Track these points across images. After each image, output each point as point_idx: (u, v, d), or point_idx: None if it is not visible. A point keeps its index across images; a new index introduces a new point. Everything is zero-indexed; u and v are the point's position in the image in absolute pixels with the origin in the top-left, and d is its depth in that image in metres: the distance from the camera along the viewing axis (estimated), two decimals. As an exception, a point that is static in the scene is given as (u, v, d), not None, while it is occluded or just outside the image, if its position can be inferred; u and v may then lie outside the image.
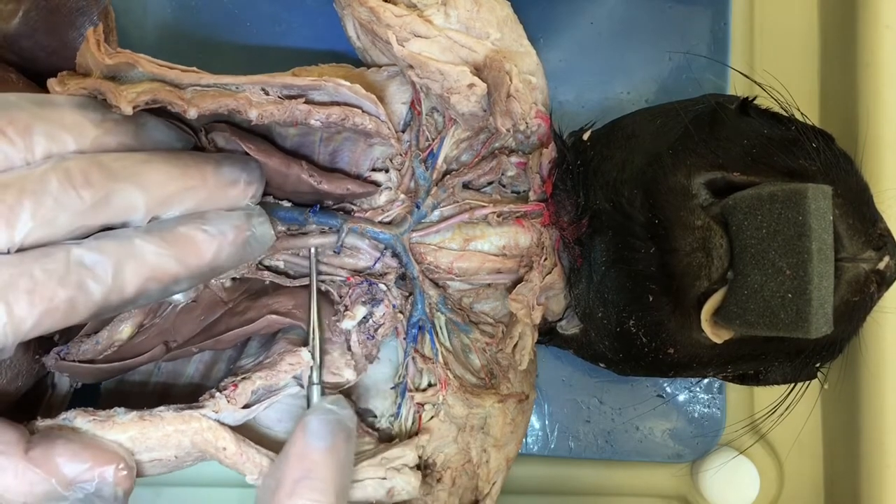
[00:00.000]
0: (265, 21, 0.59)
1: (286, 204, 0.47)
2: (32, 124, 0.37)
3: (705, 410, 0.60)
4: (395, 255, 0.48)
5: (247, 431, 0.45)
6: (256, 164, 0.44)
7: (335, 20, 0.51)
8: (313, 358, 0.46)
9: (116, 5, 0.52)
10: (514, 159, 0.49)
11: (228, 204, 0.42)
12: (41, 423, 0.41)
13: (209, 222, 0.41)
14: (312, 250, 0.47)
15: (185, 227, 0.40)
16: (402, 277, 0.49)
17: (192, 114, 0.41)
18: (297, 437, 0.41)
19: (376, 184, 0.49)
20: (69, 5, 0.48)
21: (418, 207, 0.48)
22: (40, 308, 0.35)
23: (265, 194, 0.46)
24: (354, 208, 0.49)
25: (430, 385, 0.49)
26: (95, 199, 0.37)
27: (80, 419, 0.41)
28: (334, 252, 0.48)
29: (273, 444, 0.45)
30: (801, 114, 0.47)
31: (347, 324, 0.47)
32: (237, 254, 0.42)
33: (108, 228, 0.38)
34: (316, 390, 0.46)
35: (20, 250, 0.36)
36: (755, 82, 0.49)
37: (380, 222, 0.48)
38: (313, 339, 0.47)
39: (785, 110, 0.47)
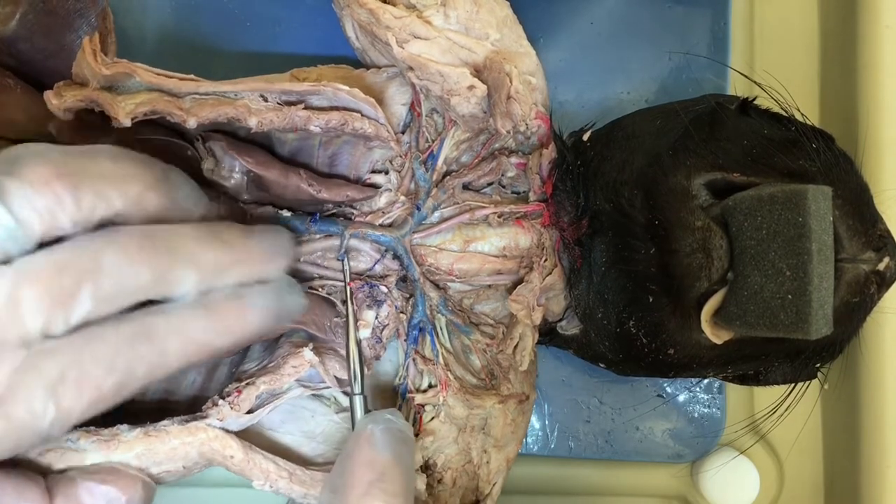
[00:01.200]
0: (265, 21, 0.59)
1: (286, 213, 0.47)
2: (79, 180, 0.34)
3: (705, 410, 0.60)
4: (396, 257, 0.48)
5: (251, 436, 0.45)
6: (288, 236, 0.43)
7: (334, 21, 0.50)
8: (355, 369, 0.46)
9: (115, 6, 0.51)
10: (513, 160, 0.49)
11: (266, 277, 0.41)
12: (42, 446, 0.40)
13: (251, 296, 0.40)
14: (347, 270, 0.48)
15: (231, 302, 0.39)
16: (403, 279, 0.49)
17: (191, 123, 0.41)
18: (363, 447, 0.41)
19: (375, 186, 0.49)
20: (67, 7, 0.47)
21: (419, 209, 0.48)
22: (88, 398, 0.34)
23: (265, 203, 0.46)
24: (355, 212, 0.49)
25: (430, 386, 0.49)
26: (152, 279, 0.36)
27: (83, 440, 0.41)
28: (338, 259, 0.48)
29: (277, 447, 0.45)
30: (801, 114, 0.47)
31: (364, 333, 0.47)
32: (274, 324, 0.41)
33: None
34: (359, 400, 0.46)
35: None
36: (755, 82, 0.50)
37: (380, 225, 0.48)
38: (352, 351, 0.47)
39: (785, 111, 0.47)
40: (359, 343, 0.47)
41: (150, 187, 0.37)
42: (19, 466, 0.39)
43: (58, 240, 0.35)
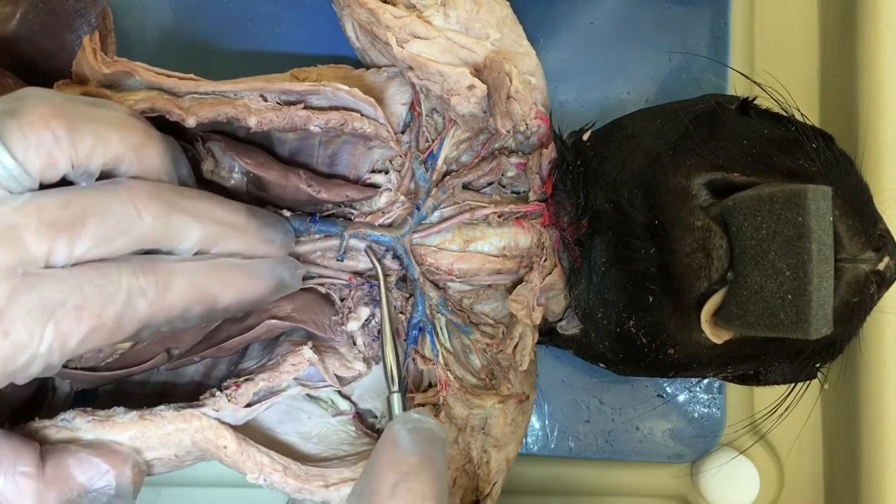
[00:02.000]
0: (265, 21, 0.59)
1: (286, 213, 0.47)
2: (78, 121, 0.36)
3: (705, 410, 0.60)
4: (395, 256, 0.48)
5: (248, 431, 0.45)
6: (289, 227, 0.45)
7: (334, 20, 0.51)
8: (391, 368, 0.47)
9: (115, 6, 0.52)
10: (513, 160, 0.49)
11: (265, 255, 0.43)
12: (38, 423, 0.40)
13: (256, 264, 0.42)
14: (381, 277, 0.48)
15: (236, 266, 0.41)
16: (403, 279, 0.49)
17: (190, 122, 0.41)
18: (388, 448, 0.40)
19: (375, 186, 0.49)
20: (67, 7, 0.48)
21: (419, 209, 0.48)
22: (88, 325, 0.35)
23: (266, 203, 0.46)
24: (354, 212, 0.49)
25: (430, 386, 0.49)
26: (156, 224, 0.37)
27: (79, 419, 0.41)
28: (337, 260, 0.48)
29: (275, 445, 0.45)
30: (801, 114, 0.47)
31: (353, 325, 0.47)
32: (273, 294, 0.43)
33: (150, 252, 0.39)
34: (397, 398, 0.46)
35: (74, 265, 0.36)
36: (755, 82, 0.50)
37: (380, 225, 0.48)
38: (387, 349, 0.47)
39: (785, 110, 0.47)
40: (395, 339, 0.47)
41: (153, 142, 0.39)
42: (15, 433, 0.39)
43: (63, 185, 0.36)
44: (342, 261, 0.48)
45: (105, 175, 0.37)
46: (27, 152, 0.34)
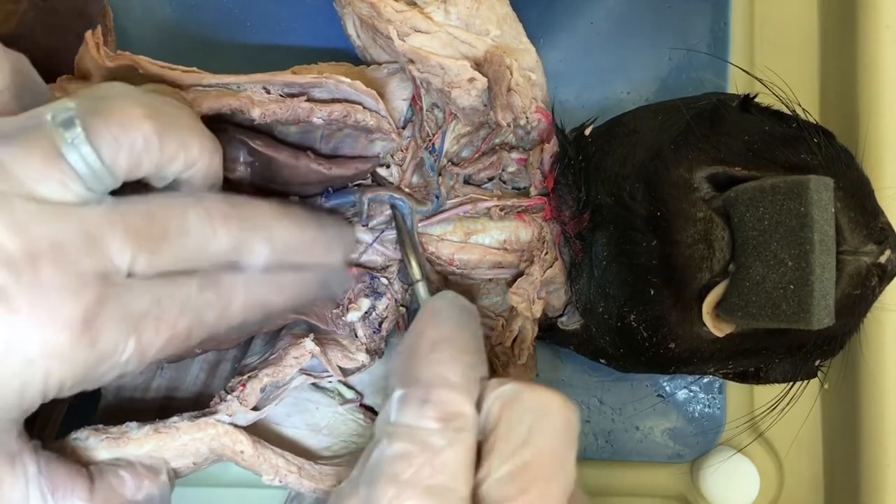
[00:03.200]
0: (265, 20, 0.59)
1: (294, 199, 0.47)
2: (167, 125, 0.36)
3: (705, 410, 0.60)
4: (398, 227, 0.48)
5: (258, 430, 0.45)
6: (350, 231, 0.47)
7: (335, 19, 0.51)
8: (409, 258, 0.47)
9: (116, 5, 0.52)
10: (514, 155, 0.49)
11: (325, 263, 0.44)
12: (56, 443, 0.40)
13: (311, 271, 0.43)
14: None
15: (293, 273, 0.42)
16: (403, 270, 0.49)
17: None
18: (425, 314, 0.41)
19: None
20: (67, 6, 0.48)
21: (437, 197, 0.48)
22: (165, 336, 0.36)
23: (276, 193, 0.46)
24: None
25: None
26: (229, 244, 0.38)
27: (92, 439, 0.41)
28: (362, 225, 0.48)
29: (285, 442, 0.45)
30: (804, 109, 0.47)
31: (353, 316, 0.47)
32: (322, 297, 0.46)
33: None
34: (422, 286, 0.46)
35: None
36: (756, 78, 0.50)
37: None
38: (404, 239, 0.47)
39: (787, 105, 0.47)
40: (413, 234, 0.48)
41: (218, 147, 0.39)
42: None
43: (136, 188, 0.37)
44: (367, 225, 0.48)
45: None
46: (118, 154, 0.34)
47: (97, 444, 0.40)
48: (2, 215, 0.32)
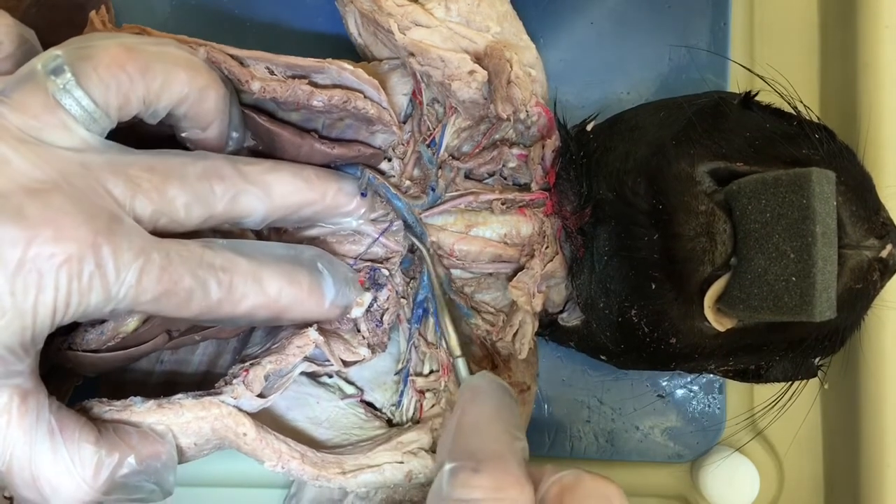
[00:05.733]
0: (265, 21, 0.59)
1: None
2: (151, 61, 0.37)
3: (705, 410, 0.60)
4: (407, 226, 0.48)
5: (261, 418, 0.45)
6: (360, 178, 0.47)
7: (335, 20, 0.51)
8: (448, 331, 0.48)
9: (116, 5, 0.52)
10: (514, 151, 0.49)
11: (339, 216, 0.46)
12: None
13: (326, 282, 0.44)
14: (426, 252, 0.49)
15: (312, 278, 0.43)
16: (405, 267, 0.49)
17: None
18: (469, 394, 0.42)
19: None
20: (68, 1, 0.48)
21: (433, 189, 0.48)
22: (164, 286, 0.37)
23: None
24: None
25: (431, 372, 0.49)
26: (225, 196, 0.40)
27: (96, 409, 0.41)
28: (361, 195, 0.48)
29: (286, 432, 0.45)
30: (805, 106, 0.47)
31: (357, 312, 0.47)
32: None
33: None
34: (462, 364, 0.47)
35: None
36: (757, 75, 0.50)
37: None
38: (442, 310, 0.48)
39: (788, 103, 0.47)
40: (450, 306, 0.49)
41: (216, 85, 0.41)
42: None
43: (131, 131, 0.39)
44: (365, 195, 0.47)
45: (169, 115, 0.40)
46: (107, 94, 0.36)
47: (101, 413, 0.41)
48: (16, 152, 0.35)
